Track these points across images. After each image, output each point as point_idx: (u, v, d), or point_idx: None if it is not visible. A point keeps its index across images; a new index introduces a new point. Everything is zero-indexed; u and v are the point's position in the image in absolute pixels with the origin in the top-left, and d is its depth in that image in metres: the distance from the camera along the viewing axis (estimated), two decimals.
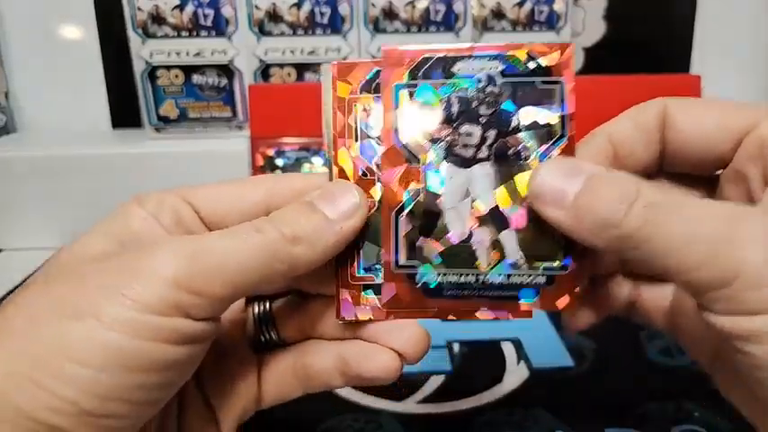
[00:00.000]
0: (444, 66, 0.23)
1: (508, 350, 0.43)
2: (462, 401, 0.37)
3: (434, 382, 0.39)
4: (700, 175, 0.24)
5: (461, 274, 0.23)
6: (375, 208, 0.23)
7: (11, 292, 0.51)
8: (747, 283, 0.17)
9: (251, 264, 0.21)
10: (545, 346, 0.43)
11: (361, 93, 0.23)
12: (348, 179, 0.23)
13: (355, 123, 0.23)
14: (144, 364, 0.19)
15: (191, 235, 0.23)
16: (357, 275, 0.23)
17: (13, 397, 0.18)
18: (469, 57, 0.23)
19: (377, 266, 0.23)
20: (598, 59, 0.67)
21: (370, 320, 0.24)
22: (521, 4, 0.63)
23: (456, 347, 0.43)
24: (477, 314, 0.23)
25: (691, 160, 0.23)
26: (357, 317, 0.24)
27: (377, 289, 0.23)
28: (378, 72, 0.23)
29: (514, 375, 0.40)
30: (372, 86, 0.23)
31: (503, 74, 0.23)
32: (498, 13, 0.63)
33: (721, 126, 0.22)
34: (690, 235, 0.18)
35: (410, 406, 0.37)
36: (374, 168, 0.23)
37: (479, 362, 0.42)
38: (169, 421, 0.25)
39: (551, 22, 0.63)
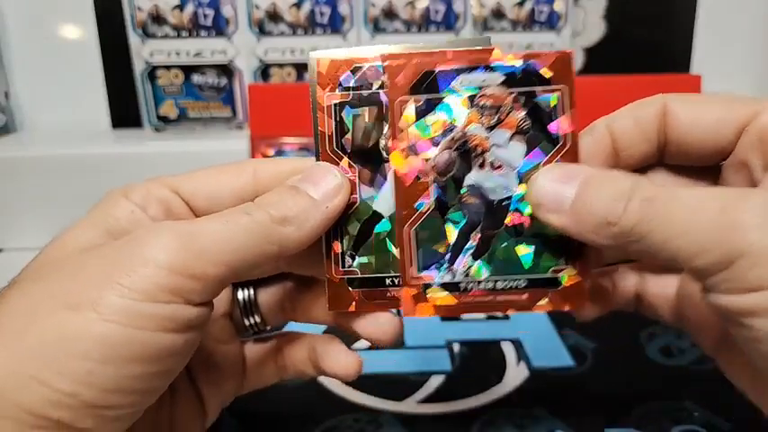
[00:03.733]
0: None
1: (508, 350, 0.43)
2: (462, 401, 0.37)
3: (434, 382, 0.39)
4: (702, 166, 0.24)
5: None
6: (432, 208, 0.23)
7: None
8: (747, 264, 0.18)
9: (244, 245, 0.21)
10: (545, 346, 0.43)
11: (411, 94, 0.23)
12: (404, 183, 0.23)
13: (405, 125, 0.23)
14: (143, 354, 0.20)
15: (181, 220, 0.23)
16: (416, 275, 0.24)
17: (14, 394, 0.18)
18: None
19: (434, 266, 0.24)
20: (598, 59, 0.67)
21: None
22: (521, 4, 0.63)
23: (456, 347, 0.43)
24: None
25: (692, 154, 0.24)
26: (416, 315, 0.24)
27: (439, 287, 0.24)
28: (426, 73, 0.23)
29: (514, 375, 0.40)
30: (423, 87, 0.23)
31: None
32: (498, 13, 0.63)
33: (721, 119, 0.23)
34: (687, 223, 0.19)
35: (410, 406, 0.37)
36: (428, 170, 0.23)
37: (479, 362, 0.42)
38: (163, 404, 0.26)
39: (551, 22, 0.63)
